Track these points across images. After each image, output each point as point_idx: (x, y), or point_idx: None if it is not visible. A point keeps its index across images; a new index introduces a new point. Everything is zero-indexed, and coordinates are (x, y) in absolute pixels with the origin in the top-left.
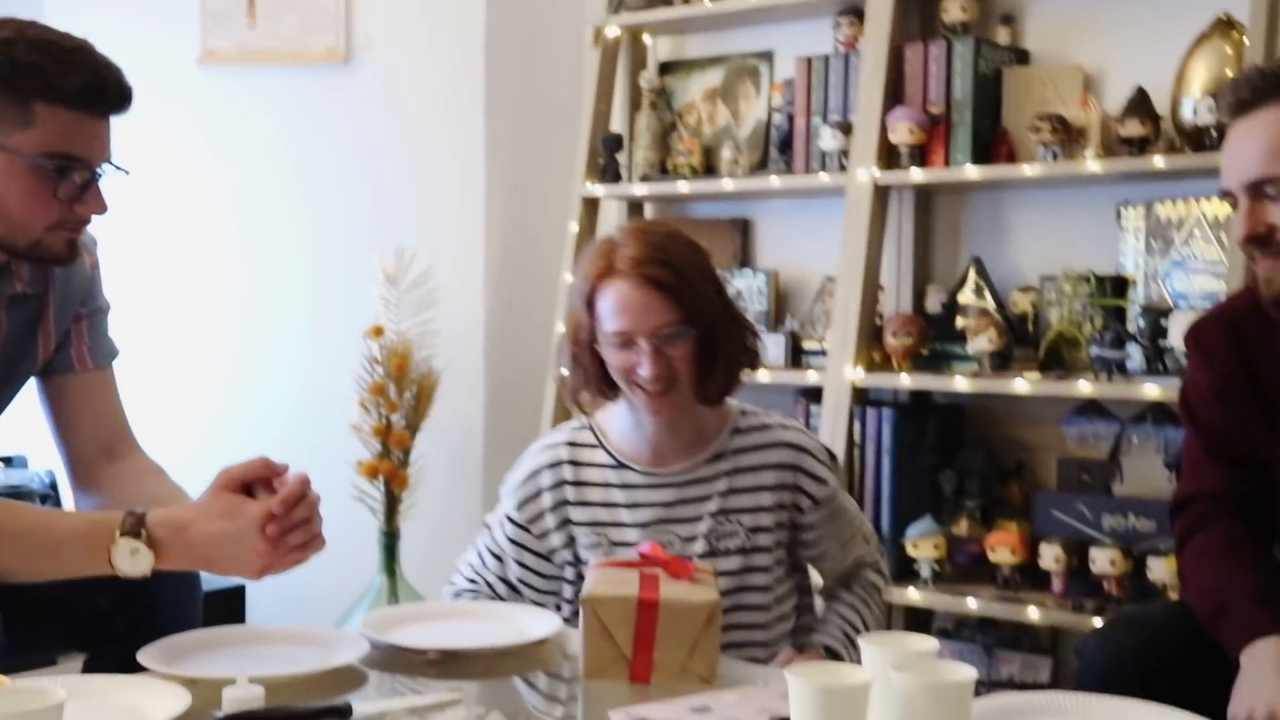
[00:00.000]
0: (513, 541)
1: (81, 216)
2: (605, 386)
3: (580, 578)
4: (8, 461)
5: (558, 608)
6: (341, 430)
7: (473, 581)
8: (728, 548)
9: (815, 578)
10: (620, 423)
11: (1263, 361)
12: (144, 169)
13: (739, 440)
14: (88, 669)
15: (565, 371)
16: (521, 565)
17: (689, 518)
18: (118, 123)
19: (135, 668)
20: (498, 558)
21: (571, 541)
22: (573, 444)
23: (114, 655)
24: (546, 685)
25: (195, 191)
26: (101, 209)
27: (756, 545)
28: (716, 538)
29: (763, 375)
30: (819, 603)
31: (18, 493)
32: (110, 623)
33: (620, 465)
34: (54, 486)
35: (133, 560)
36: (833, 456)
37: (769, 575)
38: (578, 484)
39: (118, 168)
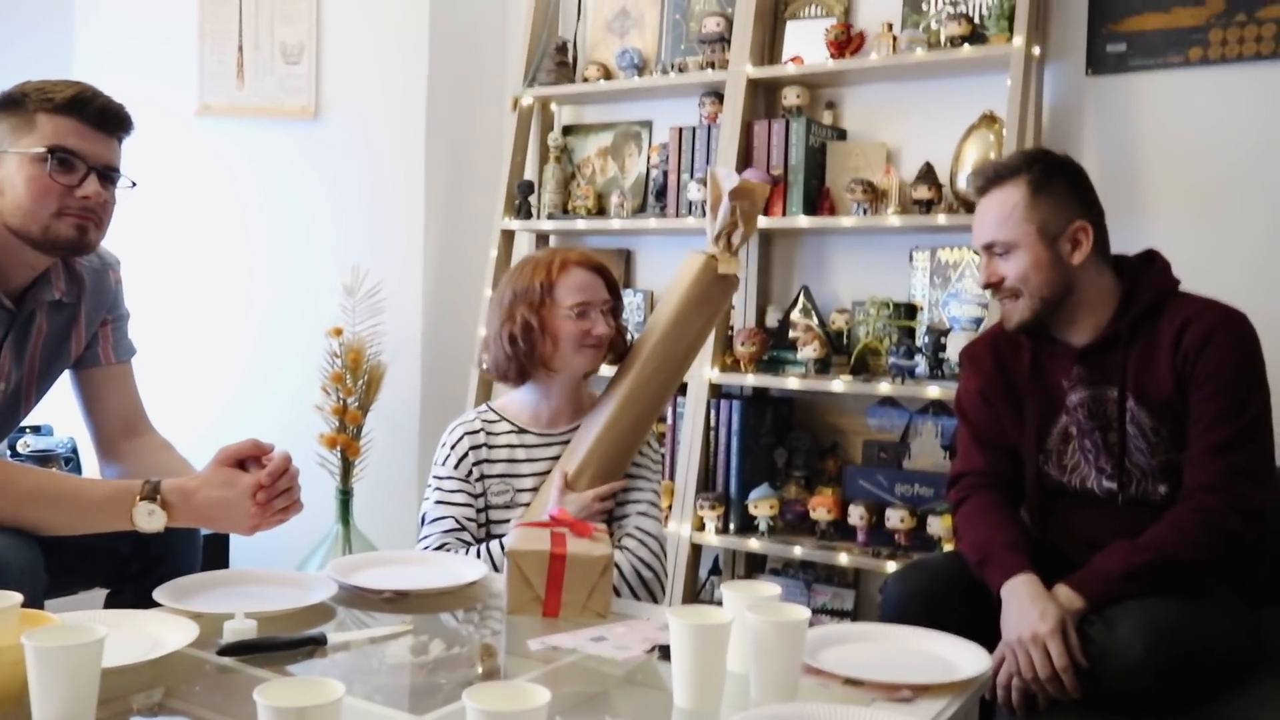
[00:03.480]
0: (460, 490)
1: (81, 202)
2: (528, 367)
3: (488, 521)
4: (36, 429)
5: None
6: (308, 409)
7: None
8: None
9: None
10: (521, 401)
11: (1014, 373)
12: (155, 201)
13: None
14: (109, 603)
15: (492, 358)
16: (470, 505)
17: None
18: (136, 160)
19: (149, 602)
20: (452, 517)
21: (483, 493)
22: (483, 420)
23: (132, 591)
24: (477, 619)
25: (196, 219)
26: (96, 195)
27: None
28: None
29: None
30: None
31: (46, 455)
32: (129, 565)
33: (521, 430)
34: (75, 450)
35: (150, 519)
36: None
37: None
38: (490, 447)
39: (114, 169)
